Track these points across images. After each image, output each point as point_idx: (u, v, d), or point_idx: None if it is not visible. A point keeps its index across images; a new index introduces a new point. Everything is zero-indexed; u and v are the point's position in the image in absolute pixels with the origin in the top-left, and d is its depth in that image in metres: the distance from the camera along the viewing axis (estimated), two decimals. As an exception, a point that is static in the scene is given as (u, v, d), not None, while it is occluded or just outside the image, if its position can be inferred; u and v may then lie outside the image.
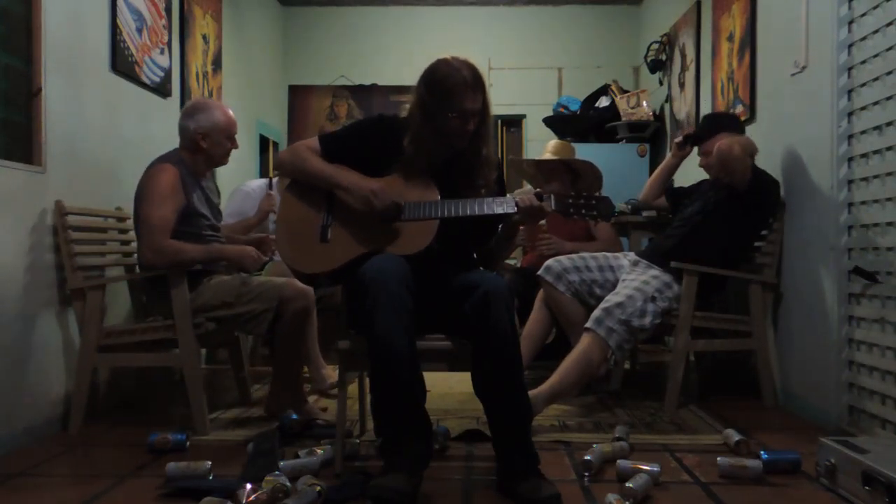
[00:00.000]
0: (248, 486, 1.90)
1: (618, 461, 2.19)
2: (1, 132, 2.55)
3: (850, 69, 2.71)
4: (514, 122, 6.21)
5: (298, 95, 6.24)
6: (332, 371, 3.11)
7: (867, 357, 2.58)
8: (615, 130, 5.34)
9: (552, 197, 2.19)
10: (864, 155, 2.62)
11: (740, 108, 3.65)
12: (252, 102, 5.37)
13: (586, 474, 2.19)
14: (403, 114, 2.30)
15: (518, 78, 6.12)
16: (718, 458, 2.22)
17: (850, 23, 2.71)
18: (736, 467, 2.18)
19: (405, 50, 6.01)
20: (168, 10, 3.76)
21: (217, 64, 4.51)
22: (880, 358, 2.50)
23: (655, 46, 5.21)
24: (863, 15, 2.63)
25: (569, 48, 6.17)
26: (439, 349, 2.18)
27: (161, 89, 3.68)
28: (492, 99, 2.26)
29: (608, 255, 3.24)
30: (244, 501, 1.85)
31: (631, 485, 1.97)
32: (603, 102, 5.50)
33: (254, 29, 5.45)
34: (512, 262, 4.26)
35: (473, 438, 2.55)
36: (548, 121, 5.60)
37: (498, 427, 2.06)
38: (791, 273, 3.07)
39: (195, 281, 2.73)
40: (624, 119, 5.25)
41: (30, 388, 2.59)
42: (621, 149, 5.24)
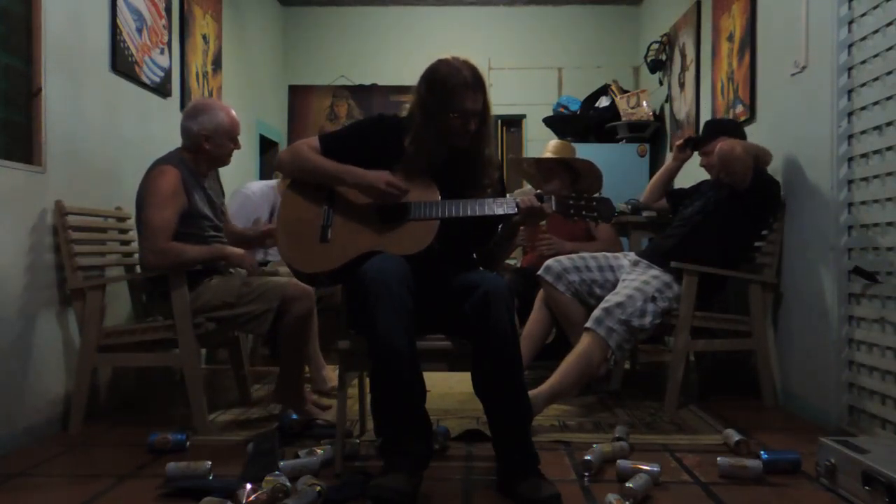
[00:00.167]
0: (248, 486, 1.90)
1: (618, 461, 2.19)
2: (1, 132, 2.55)
3: (850, 69, 2.71)
4: (514, 122, 6.21)
5: (298, 95, 6.24)
6: (332, 372, 3.11)
7: (867, 357, 2.58)
8: (615, 130, 5.34)
9: (553, 198, 2.20)
10: (864, 155, 2.63)
11: (740, 108, 3.65)
12: (252, 102, 5.36)
13: (586, 474, 2.19)
14: (404, 114, 2.31)
15: (518, 78, 6.12)
16: (718, 458, 2.22)
17: (850, 23, 2.71)
18: (736, 467, 2.18)
19: (405, 50, 6.02)
20: (168, 10, 3.76)
21: (217, 64, 4.51)
22: (880, 358, 2.50)
23: (655, 46, 5.21)
24: (863, 15, 2.63)
25: (569, 48, 6.17)
26: (439, 349, 2.18)
27: (161, 89, 3.68)
28: (492, 99, 2.26)
29: (608, 255, 3.25)
30: (244, 501, 1.85)
31: (631, 485, 1.97)
32: (603, 102, 5.50)
33: (254, 29, 5.44)
34: (512, 262, 4.25)
35: (473, 438, 2.55)
36: (548, 121, 5.60)
37: (498, 427, 2.06)
38: (791, 273, 3.07)
39: (196, 281, 2.72)
40: (624, 119, 5.25)
41: (30, 388, 2.59)
42: (621, 149, 5.25)
